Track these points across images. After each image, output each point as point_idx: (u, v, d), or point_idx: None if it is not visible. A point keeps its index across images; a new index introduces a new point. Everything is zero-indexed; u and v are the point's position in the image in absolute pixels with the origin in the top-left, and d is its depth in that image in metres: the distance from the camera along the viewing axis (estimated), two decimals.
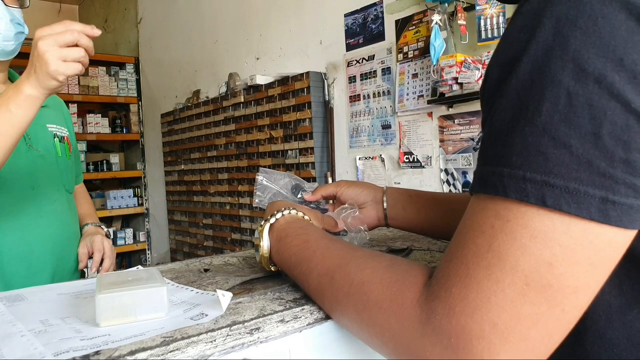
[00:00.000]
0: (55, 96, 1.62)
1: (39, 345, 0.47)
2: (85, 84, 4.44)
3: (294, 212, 0.69)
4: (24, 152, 1.32)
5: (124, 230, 4.73)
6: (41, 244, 1.33)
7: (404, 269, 0.49)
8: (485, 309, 0.39)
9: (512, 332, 0.38)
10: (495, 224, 0.40)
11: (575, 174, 0.37)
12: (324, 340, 0.58)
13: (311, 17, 3.03)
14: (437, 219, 0.83)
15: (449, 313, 0.41)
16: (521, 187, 0.38)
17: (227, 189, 3.64)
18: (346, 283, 0.52)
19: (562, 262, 0.38)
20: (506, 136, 0.40)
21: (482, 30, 2.06)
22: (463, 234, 0.43)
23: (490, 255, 0.40)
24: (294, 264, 0.62)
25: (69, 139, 1.47)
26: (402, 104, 2.47)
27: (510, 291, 0.38)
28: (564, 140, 0.37)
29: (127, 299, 0.54)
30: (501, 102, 0.41)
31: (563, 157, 0.37)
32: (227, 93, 3.55)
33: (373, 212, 0.85)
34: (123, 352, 0.45)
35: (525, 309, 0.38)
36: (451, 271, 0.42)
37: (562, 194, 0.37)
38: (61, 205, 1.40)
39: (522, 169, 0.38)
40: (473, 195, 0.44)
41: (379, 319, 0.47)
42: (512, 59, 0.41)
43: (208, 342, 0.49)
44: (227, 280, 0.72)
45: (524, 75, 0.39)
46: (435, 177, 2.40)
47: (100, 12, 5.68)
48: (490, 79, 0.44)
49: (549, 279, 0.38)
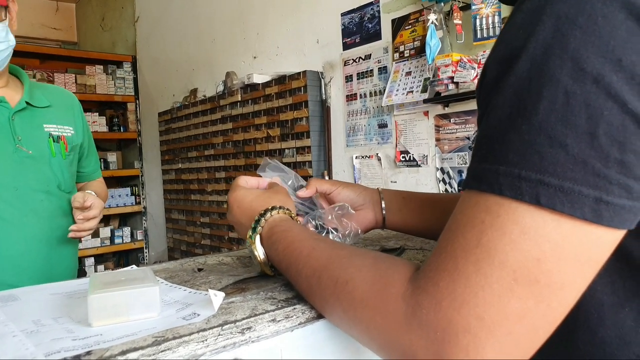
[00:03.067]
0: (68, 94, 1.61)
1: (31, 346, 0.48)
2: (82, 82, 4.43)
3: (274, 212, 0.68)
4: (10, 154, 1.33)
5: (121, 229, 4.73)
6: (25, 244, 1.34)
7: (387, 265, 0.49)
8: (472, 303, 0.39)
9: (498, 326, 0.39)
10: (486, 219, 0.40)
11: (570, 174, 0.37)
12: (315, 340, 0.58)
13: (308, 16, 3.03)
14: (432, 219, 0.83)
15: (435, 307, 0.41)
16: (516, 185, 0.38)
17: (225, 188, 3.64)
18: (331, 282, 0.52)
19: (550, 258, 0.38)
20: (502, 134, 0.40)
21: (478, 30, 2.07)
22: (453, 229, 0.43)
23: (479, 250, 0.40)
24: (285, 268, 0.62)
25: (66, 139, 1.47)
26: (390, 99, 2.47)
27: (498, 286, 0.39)
28: (560, 140, 0.37)
29: (120, 299, 0.54)
30: (498, 99, 0.41)
31: (558, 156, 0.37)
32: (224, 92, 3.55)
33: (370, 215, 0.85)
34: (114, 352, 0.46)
35: (512, 304, 0.39)
36: (439, 265, 0.42)
37: (556, 193, 0.37)
38: (50, 205, 1.40)
39: (518, 167, 0.38)
40: (464, 191, 0.44)
41: (365, 316, 0.47)
42: (511, 56, 0.41)
43: (199, 342, 0.49)
44: (220, 280, 0.72)
45: (522, 73, 0.39)
46: (432, 176, 2.40)
47: (97, 10, 5.67)
48: (488, 76, 0.44)
49: (536, 274, 0.38)
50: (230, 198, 0.75)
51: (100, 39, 5.60)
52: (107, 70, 4.69)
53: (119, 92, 4.70)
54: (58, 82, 4.25)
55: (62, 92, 1.62)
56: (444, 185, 2.34)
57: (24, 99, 1.39)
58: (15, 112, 1.36)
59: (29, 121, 1.39)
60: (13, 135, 1.34)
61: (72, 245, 1.53)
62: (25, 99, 1.39)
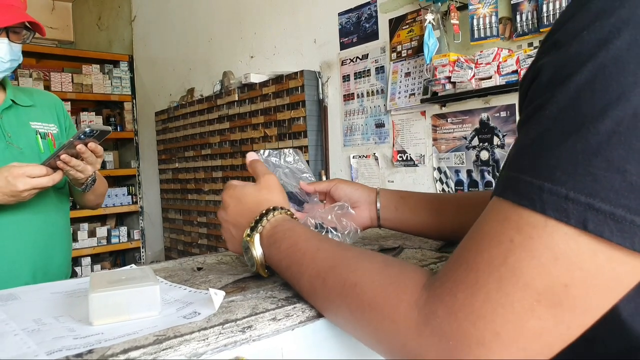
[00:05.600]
0: (50, 94, 1.65)
1: (32, 344, 0.48)
2: (79, 81, 4.42)
3: (277, 212, 0.66)
4: (2, 150, 1.36)
5: (118, 229, 4.72)
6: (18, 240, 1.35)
7: (397, 270, 0.49)
8: (489, 318, 0.38)
9: (513, 343, 0.38)
10: (515, 239, 0.38)
11: (624, 201, 0.34)
12: (316, 338, 0.58)
13: (305, 16, 3.04)
14: (429, 219, 0.83)
15: (450, 316, 0.40)
16: (562, 207, 0.36)
17: (222, 187, 3.63)
18: (338, 284, 0.52)
19: (579, 285, 0.36)
20: (552, 148, 0.37)
21: (475, 30, 2.07)
22: (477, 240, 0.42)
23: (504, 269, 0.38)
24: (285, 267, 0.61)
25: (53, 136, 1.50)
26: (394, 102, 2.48)
27: (519, 306, 0.38)
28: (618, 164, 0.34)
29: (120, 298, 0.54)
30: (551, 107, 0.38)
31: (614, 182, 0.35)
32: (221, 91, 3.54)
33: (366, 212, 0.85)
34: (116, 351, 0.46)
35: (531, 323, 0.38)
36: (459, 277, 0.41)
37: (606, 220, 0.35)
38: (43, 200, 1.42)
39: (566, 187, 0.36)
40: (496, 198, 0.41)
41: (373, 320, 0.47)
42: (573, 60, 0.37)
43: (200, 341, 0.49)
44: (220, 279, 0.72)
45: (584, 84, 0.36)
46: (428, 175, 2.41)
47: (93, 9, 5.65)
48: (542, 76, 0.40)
49: (561, 298, 0.37)
50: (226, 195, 0.72)
51: (96, 38, 5.59)
52: (104, 70, 4.67)
53: (116, 91, 4.69)
54: (54, 81, 4.24)
55: (43, 93, 1.67)
56: (441, 184, 2.35)
57: (9, 97, 1.44)
58: (3, 111, 1.41)
59: (16, 119, 1.43)
60: (3, 132, 1.38)
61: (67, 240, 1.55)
62: (10, 97, 1.44)
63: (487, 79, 2.01)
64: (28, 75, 4.09)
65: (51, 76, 4.25)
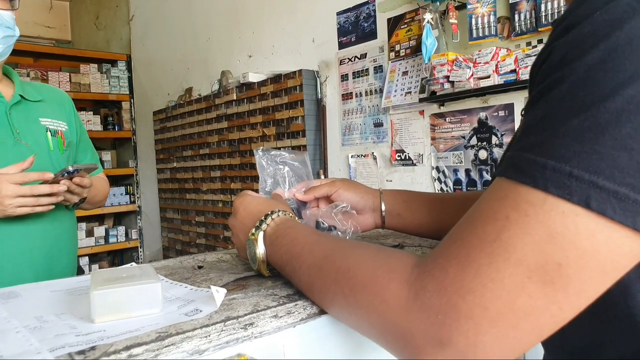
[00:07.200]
0: (59, 90, 1.62)
1: (35, 342, 0.48)
2: (76, 81, 4.41)
3: (281, 213, 0.68)
4: (11, 146, 1.33)
5: (116, 228, 4.71)
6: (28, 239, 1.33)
7: (388, 254, 0.49)
8: (479, 293, 0.38)
9: (502, 318, 0.38)
10: (511, 216, 0.38)
11: (629, 180, 0.34)
12: (317, 336, 0.58)
13: (304, 15, 3.04)
14: (431, 221, 0.84)
15: (440, 291, 0.40)
16: (565, 184, 0.36)
17: (220, 187, 3.63)
18: (333, 271, 0.52)
19: (573, 265, 0.36)
20: (558, 126, 0.37)
21: (474, 29, 2.08)
22: (473, 218, 0.42)
23: (497, 245, 0.38)
24: (285, 262, 0.62)
25: (63, 134, 1.47)
26: (389, 100, 2.48)
27: (510, 281, 0.37)
28: (625, 143, 0.34)
29: (122, 295, 0.54)
30: (560, 87, 0.38)
31: (620, 160, 0.34)
32: (219, 91, 3.54)
33: (370, 220, 0.86)
34: (119, 348, 0.46)
35: (521, 300, 0.37)
36: (451, 252, 0.41)
37: (609, 198, 0.34)
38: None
39: (570, 164, 0.36)
40: (498, 178, 0.41)
41: (365, 301, 0.47)
42: (586, 40, 0.37)
43: (203, 337, 0.49)
44: (220, 277, 0.72)
45: (595, 64, 0.36)
46: (427, 174, 2.41)
47: (91, 8, 5.64)
48: (553, 57, 0.40)
49: (553, 277, 0.36)
50: (237, 202, 0.76)
51: (94, 38, 5.57)
52: (102, 69, 4.66)
53: (114, 91, 4.68)
54: (52, 80, 4.23)
55: (52, 88, 1.63)
56: (439, 184, 2.35)
57: (18, 93, 1.40)
58: (12, 106, 1.37)
59: (25, 115, 1.40)
60: (11, 128, 1.35)
61: (72, 240, 1.52)
62: (19, 93, 1.40)
63: (486, 79, 2.02)
64: (26, 74, 4.08)
65: (49, 75, 4.24)
